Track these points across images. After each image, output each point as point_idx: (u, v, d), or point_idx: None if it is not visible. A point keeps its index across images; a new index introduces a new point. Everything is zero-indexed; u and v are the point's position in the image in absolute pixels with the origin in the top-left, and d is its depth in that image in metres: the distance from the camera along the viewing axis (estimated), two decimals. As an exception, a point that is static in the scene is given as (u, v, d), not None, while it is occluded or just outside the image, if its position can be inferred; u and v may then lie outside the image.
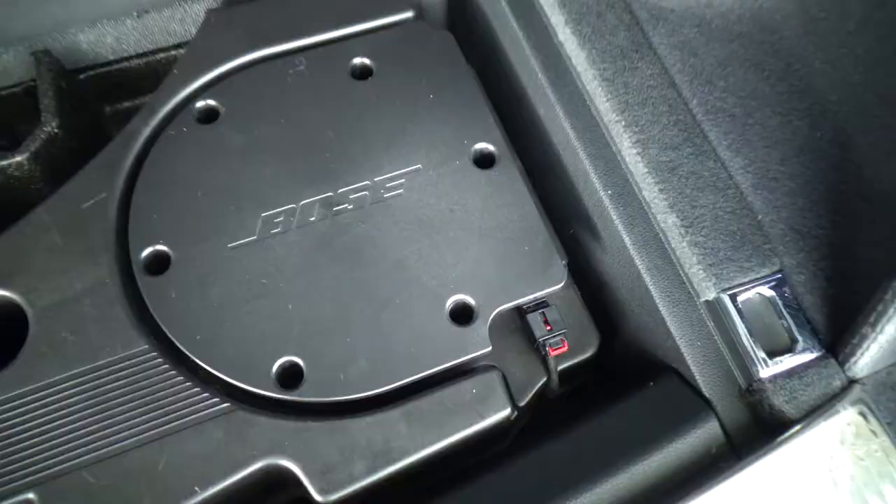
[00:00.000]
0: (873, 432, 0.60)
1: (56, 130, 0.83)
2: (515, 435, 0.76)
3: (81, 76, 0.93)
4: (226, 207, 0.72)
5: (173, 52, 0.97)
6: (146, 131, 0.75)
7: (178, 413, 0.64)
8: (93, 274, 0.68)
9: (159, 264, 0.69)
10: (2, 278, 0.67)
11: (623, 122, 0.72)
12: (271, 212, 0.72)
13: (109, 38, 0.92)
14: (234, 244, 0.70)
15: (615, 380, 0.79)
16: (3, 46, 0.87)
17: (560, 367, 0.74)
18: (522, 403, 0.71)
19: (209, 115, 0.77)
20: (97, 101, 0.97)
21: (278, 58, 0.80)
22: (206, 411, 0.64)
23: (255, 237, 0.71)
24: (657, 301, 0.69)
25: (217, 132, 0.75)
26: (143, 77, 0.98)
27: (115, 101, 0.99)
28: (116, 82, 0.97)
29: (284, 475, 0.64)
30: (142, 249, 0.69)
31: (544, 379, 0.73)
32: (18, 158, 0.81)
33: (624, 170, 0.72)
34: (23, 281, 0.67)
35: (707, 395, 0.65)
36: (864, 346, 0.60)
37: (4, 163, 0.81)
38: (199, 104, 0.76)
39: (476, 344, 0.68)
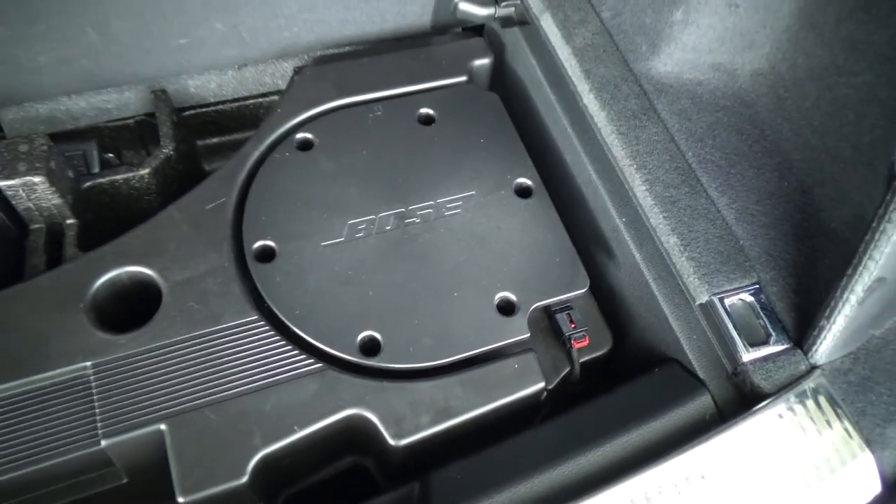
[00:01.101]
0: (829, 405, 0.77)
1: (171, 153, 1.02)
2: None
3: (185, 113, 1.13)
4: (319, 215, 0.90)
5: (261, 100, 1.17)
6: (256, 154, 0.94)
7: (281, 369, 0.79)
8: (214, 259, 0.85)
9: (267, 255, 0.86)
10: (142, 258, 0.84)
11: (635, 166, 0.91)
12: (355, 220, 0.90)
13: (213, 84, 1.12)
14: (325, 243, 0.88)
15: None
16: (128, 85, 1.07)
17: (580, 360, 0.90)
18: (551, 386, 0.88)
19: (306, 145, 0.96)
20: (193, 136, 1.16)
21: (361, 105, 1.00)
22: (304, 369, 0.79)
23: (342, 239, 0.89)
24: (662, 304, 0.87)
25: (312, 158, 0.94)
26: (233, 118, 1.18)
27: (207, 137, 1.18)
28: (211, 121, 1.16)
29: (364, 424, 0.79)
30: (253, 242, 0.87)
31: (568, 368, 0.90)
32: (142, 172, 0.99)
33: (635, 203, 0.92)
34: (158, 261, 0.84)
35: (702, 377, 0.82)
36: (822, 336, 0.77)
37: (130, 174, 0.99)
38: (299, 136, 0.96)
39: (517, 331, 0.85)
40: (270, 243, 0.87)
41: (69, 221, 0.92)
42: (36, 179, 0.85)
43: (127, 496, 0.82)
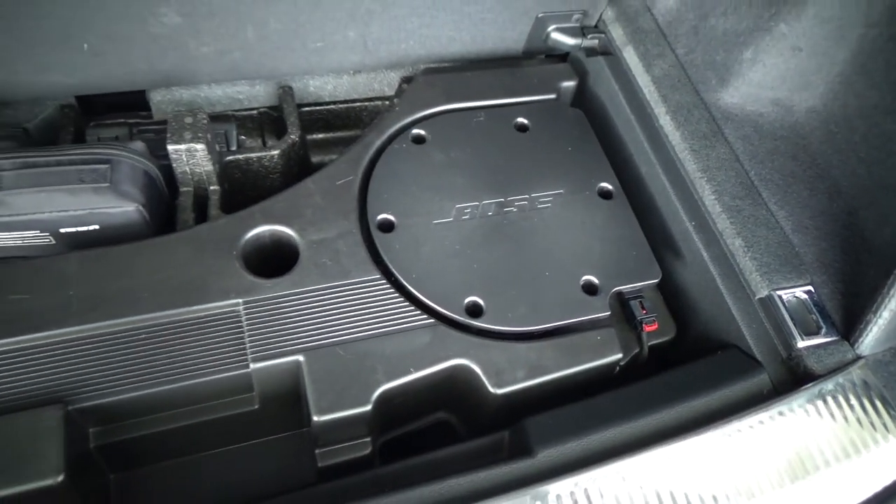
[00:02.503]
0: (872, 389, 0.89)
1: (296, 140, 1.17)
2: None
3: (301, 109, 1.28)
4: (432, 198, 1.04)
5: (366, 104, 1.33)
6: (377, 143, 1.09)
7: (399, 320, 0.92)
8: (343, 225, 0.98)
9: (387, 226, 1.00)
10: (283, 220, 0.98)
11: (705, 178, 1.05)
12: (462, 205, 1.04)
13: (329, 86, 1.28)
14: (437, 221, 1.02)
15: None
16: (261, 79, 1.23)
17: (648, 343, 1.03)
18: (623, 362, 1.00)
19: (419, 140, 1.10)
20: (304, 130, 1.31)
21: (465, 111, 1.16)
22: (418, 322, 0.92)
23: (451, 219, 1.02)
24: (726, 297, 0.99)
25: (425, 150, 1.09)
26: (339, 118, 1.33)
27: (315, 132, 1.33)
28: (322, 118, 1.32)
29: (467, 374, 0.91)
30: (376, 215, 1.00)
31: (637, 349, 1.02)
32: (273, 153, 1.14)
33: (703, 210, 1.05)
34: (297, 223, 0.98)
35: (760, 360, 0.94)
36: (868, 329, 0.90)
37: (263, 154, 1.13)
38: (414, 131, 1.10)
39: (599, 308, 0.98)
40: (390, 217, 1.01)
41: (213, 187, 1.06)
42: (198, 147, 1.00)
43: (254, 422, 0.94)
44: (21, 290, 0.86)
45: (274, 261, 0.97)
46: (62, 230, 0.94)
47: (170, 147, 0.99)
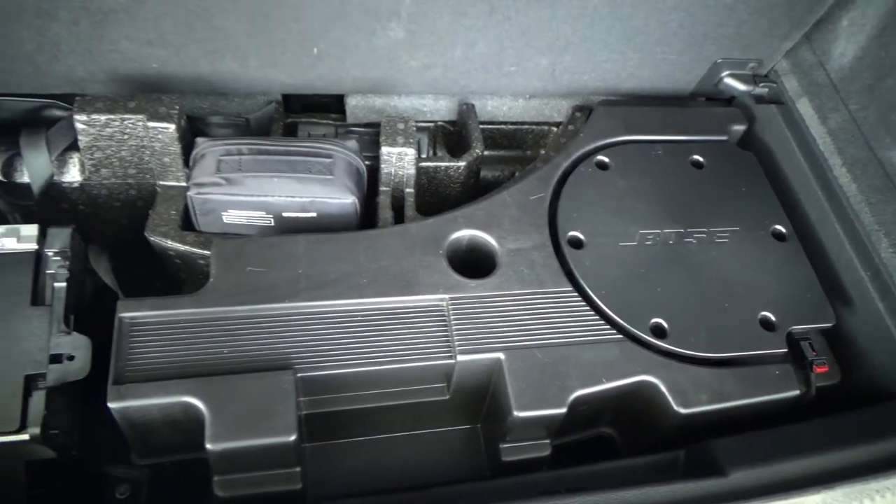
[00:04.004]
0: None
1: (480, 154, 1.24)
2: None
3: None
4: (617, 221, 1.09)
5: (533, 127, 1.40)
6: (565, 165, 1.15)
7: (589, 332, 0.97)
8: (537, 238, 1.05)
9: (577, 243, 1.06)
10: (483, 226, 1.04)
11: (883, 231, 1.08)
12: (645, 231, 1.09)
13: (505, 107, 1.35)
14: (622, 244, 1.07)
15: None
16: (444, 95, 1.31)
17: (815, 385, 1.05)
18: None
19: (603, 166, 1.16)
20: (477, 146, 1.39)
21: (644, 143, 1.21)
22: (607, 336, 0.97)
23: (635, 243, 1.08)
24: (902, 348, 1.02)
25: (609, 177, 1.15)
26: (506, 138, 1.41)
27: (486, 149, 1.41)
28: (491, 136, 1.39)
29: (651, 391, 0.95)
30: (566, 232, 1.06)
31: (805, 389, 1.05)
32: (459, 164, 1.21)
33: (878, 262, 1.08)
34: (495, 231, 1.04)
35: (939, 410, 0.96)
36: None
37: (452, 164, 1.21)
38: (598, 158, 1.17)
39: (776, 345, 1.01)
40: (579, 235, 1.07)
41: (408, 190, 1.14)
42: (409, 151, 1.08)
43: (440, 412, 1.00)
44: (259, 264, 0.94)
45: (466, 263, 1.03)
46: (284, 214, 1.03)
47: (384, 149, 1.08)
